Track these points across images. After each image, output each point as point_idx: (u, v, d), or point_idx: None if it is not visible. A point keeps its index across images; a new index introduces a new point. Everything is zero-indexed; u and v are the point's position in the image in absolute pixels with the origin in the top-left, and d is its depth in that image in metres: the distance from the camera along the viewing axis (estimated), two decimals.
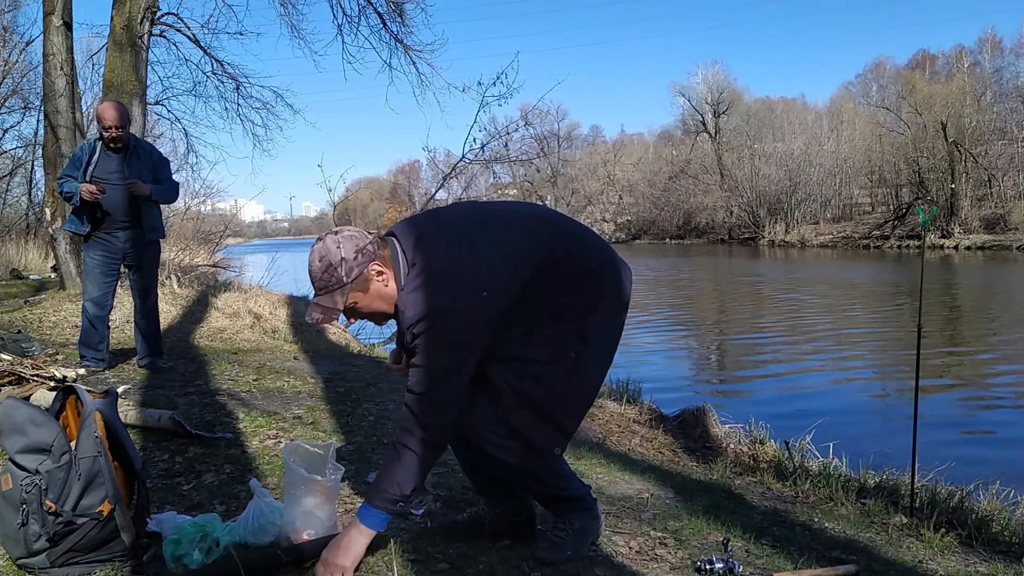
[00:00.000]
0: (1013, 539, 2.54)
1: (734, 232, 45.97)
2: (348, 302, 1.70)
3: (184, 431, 2.82)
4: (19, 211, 18.41)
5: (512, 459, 1.78)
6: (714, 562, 1.88)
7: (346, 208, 15.50)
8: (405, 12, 9.90)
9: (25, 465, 1.73)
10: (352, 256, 1.67)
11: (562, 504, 1.94)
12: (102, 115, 3.94)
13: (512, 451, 1.77)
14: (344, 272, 1.66)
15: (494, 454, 1.78)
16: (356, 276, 1.67)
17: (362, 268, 1.67)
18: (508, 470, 1.85)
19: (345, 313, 1.74)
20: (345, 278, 1.67)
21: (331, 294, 1.68)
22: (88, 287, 4.07)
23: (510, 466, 1.81)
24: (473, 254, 1.68)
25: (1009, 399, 6.59)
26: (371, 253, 1.69)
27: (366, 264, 1.68)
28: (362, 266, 1.67)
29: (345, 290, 1.68)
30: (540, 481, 1.90)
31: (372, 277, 1.69)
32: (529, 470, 1.85)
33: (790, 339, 10.14)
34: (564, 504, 1.94)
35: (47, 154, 7.87)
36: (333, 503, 1.97)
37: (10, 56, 16.73)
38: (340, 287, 1.67)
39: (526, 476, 1.88)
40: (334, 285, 1.67)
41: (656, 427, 4.57)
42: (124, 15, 7.21)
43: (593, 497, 2.00)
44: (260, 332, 6.66)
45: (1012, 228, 30.12)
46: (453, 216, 1.84)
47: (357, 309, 1.73)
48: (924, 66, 45.08)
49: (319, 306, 1.70)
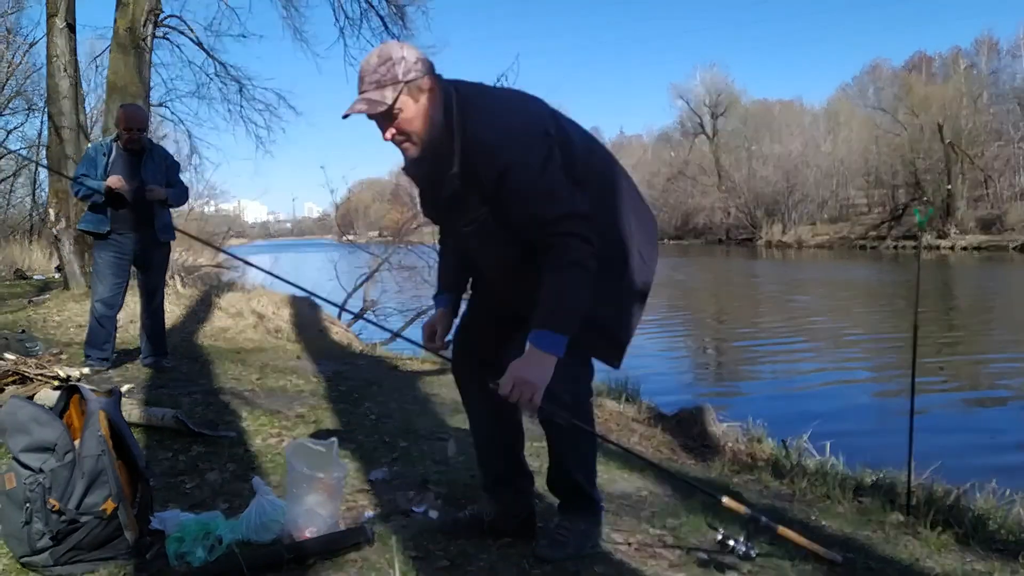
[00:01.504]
0: (1010, 537, 2.56)
1: (732, 233, 46.02)
2: (395, 105, 1.62)
3: (187, 430, 2.83)
4: (23, 212, 18.41)
5: (569, 396, 1.76)
6: (739, 543, 1.89)
7: (348, 209, 15.51)
8: (406, 15, 9.97)
9: (29, 464, 1.74)
10: (413, 60, 1.64)
11: (576, 499, 1.95)
12: (125, 117, 4.01)
13: (570, 379, 1.73)
14: (403, 70, 1.61)
15: (553, 392, 1.68)
16: (413, 78, 1.62)
17: (420, 74, 1.63)
18: (558, 437, 1.84)
19: (384, 117, 1.64)
20: (401, 76, 1.61)
21: (382, 89, 1.61)
22: (98, 287, 4.08)
23: (561, 431, 1.80)
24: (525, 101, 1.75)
25: (1005, 398, 6.62)
26: (431, 69, 1.67)
27: (424, 74, 1.64)
28: (420, 73, 1.63)
29: (399, 87, 1.61)
30: (579, 459, 1.90)
31: (425, 90, 1.64)
32: (575, 442, 1.86)
33: (787, 338, 10.17)
34: (578, 500, 1.95)
35: (51, 155, 7.88)
36: (336, 501, 1.99)
37: (14, 58, 16.75)
38: (394, 83, 1.61)
39: (569, 448, 1.87)
40: (388, 80, 1.61)
41: (655, 426, 4.58)
42: (127, 17, 7.23)
43: (603, 507, 2.02)
44: (263, 332, 6.67)
45: (1008, 229, 30.20)
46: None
47: (398, 119, 1.64)
48: (921, 68, 45.11)
49: (367, 100, 1.61)
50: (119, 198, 3.92)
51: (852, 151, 42.78)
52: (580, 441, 1.90)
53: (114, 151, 3.99)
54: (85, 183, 3.90)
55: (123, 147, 4.01)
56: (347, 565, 1.82)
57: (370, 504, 2.29)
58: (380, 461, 2.74)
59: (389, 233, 12.32)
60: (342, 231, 12.13)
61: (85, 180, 3.90)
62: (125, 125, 3.99)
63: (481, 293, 2.02)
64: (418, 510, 2.21)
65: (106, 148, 4.01)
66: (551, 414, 1.75)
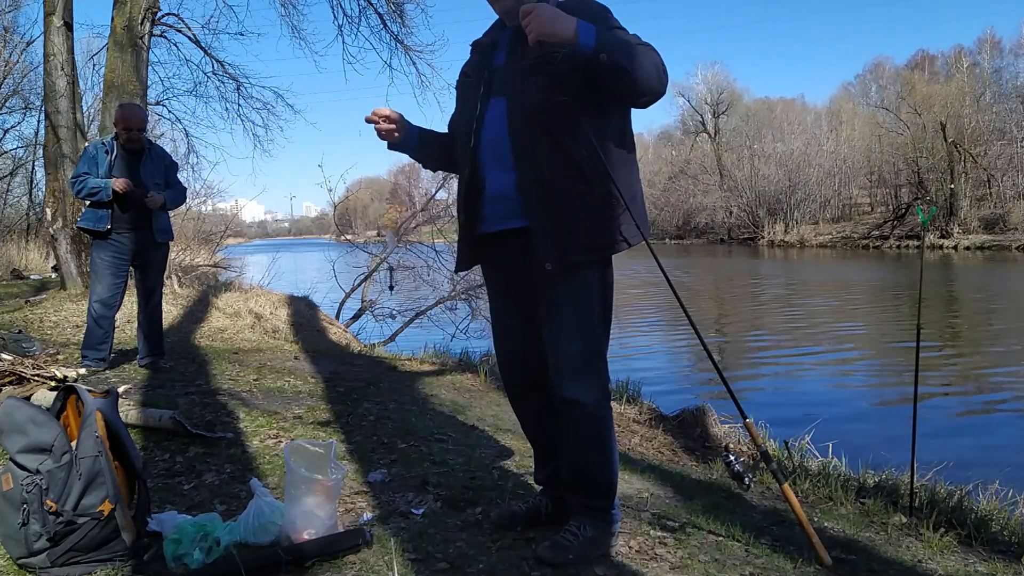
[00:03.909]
0: (1012, 539, 2.54)
1: (733, 232, 45.97)
2: None
3: (185, 431, 2.82)
4: (20, 211, 18.43)
5: (597, 375, 1.90)
6: (739, 462, 2.05)
7: (347, 208, 15.50)
8: (405, 13, 9.90)
9: (26, 465, 1.74)
10: None
11: (594, 500, 1.95)
12: (125, 117, 4.00)
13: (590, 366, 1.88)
14: None
15: (584, 380, 1.87)
16: None
17: None
18: (588, 434, 1.90)
19: None
20: None
21: None
22: (97, 287, 4.07)
23: (590, 427, 1.90)
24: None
25: (1009, 399, 6.60)
26: None
27: None
28: None
29: None
30: (606, 459, 1.94)
31: None
32: (602, 441, 1.93)
33: (789, 339, 10.15)
34: (594, 502, 1.95)
35: (48, 154, 7.88)
36: (334, 503, 1.97)
37: (11, 56, 16.77)
38: None
39: (596, 447, 1.92)
40: None
41: (656, 427, 4.57)
42: (125, 15, 7.21)
43: (619, 517, 2.03)
44: (261, 332, 6.67)
45: (1011, 228, 30.16)
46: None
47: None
48: (923, 66, 45.06)
49: None
50: (121, 199, 3.92)
51: (854, 150, 42.75)
52: (607, 438, 1.94)
53: (115, 150, 4.00)
54: (85, 183, 3.89)
55: (123, 147, 4.01)
56: (345, 567, 1.81)
57: (368, 506, 2.28)
58: (378, 462, 2.73)
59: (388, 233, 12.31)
60: (340, 230, 12.12)
61: (85, 181, 3.90)
62: (124, 125, 3.98)
63: (494, 268, 2.05)
64: (417, 512, 2.20)
65: (108, 146, 4.01)
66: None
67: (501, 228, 1.92)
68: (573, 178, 1.83)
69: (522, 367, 2.04)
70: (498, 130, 1.88)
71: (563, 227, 1.83)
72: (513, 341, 2.04)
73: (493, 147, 1.89)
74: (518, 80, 1.85)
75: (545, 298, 1.89)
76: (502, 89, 1.89)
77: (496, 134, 1.88)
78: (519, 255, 1.91)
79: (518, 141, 1.85)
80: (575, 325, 1.87)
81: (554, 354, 1.90)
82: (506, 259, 1.97)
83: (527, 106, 1.83)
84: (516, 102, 1.85)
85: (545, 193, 1.83)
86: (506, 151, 1.87)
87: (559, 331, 1.88)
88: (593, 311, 1.89)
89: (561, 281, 1.86)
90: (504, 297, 2.05)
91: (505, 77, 1.89)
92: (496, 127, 1.88)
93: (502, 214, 1.90)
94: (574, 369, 1.88)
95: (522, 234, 1.88)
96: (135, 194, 3.93)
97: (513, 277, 1.98)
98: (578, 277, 1.87)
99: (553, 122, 1.82)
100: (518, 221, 1.88)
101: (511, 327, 2.04)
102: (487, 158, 1.91)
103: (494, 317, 2.12)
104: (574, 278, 1.87)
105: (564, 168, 1.83)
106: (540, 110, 1.82)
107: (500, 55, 1.94)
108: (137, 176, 3.98)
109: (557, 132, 1.82)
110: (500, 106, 1.88)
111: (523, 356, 2.03)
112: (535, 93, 1.82)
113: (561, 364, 1.89)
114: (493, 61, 1.95)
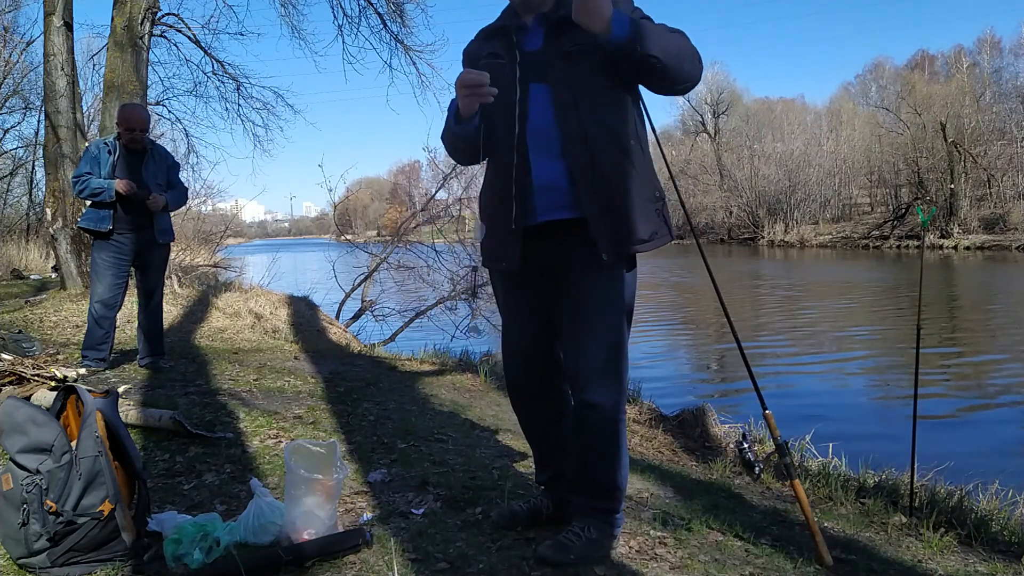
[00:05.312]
0: (1012, 538, 2.54)
1: (733, 232, 45.95)
2: None
3: (185, 431, 2.82)
4: (20, 211, 18.44)
5: (618, 367, 1.86)
6: (751, 451, 2.07)
7: (347, 208, 15.50)
8: (405, 12, 9.90)
9: (26, 465, 1.74)
10: None
11: (600, 502, 1.93)
12: (128, 117, 4.00)
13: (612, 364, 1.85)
14: None
15: (605, 377, 1.84)
16: None
17: None
18: (603, 432, 1.87)
19: None
20: None
21: None
22: (97, 287, 4.07)
23: (605, 426, 1.86)
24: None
25: (1009, 399, 6.60)
26: None
27: None
28: None
29: None
30: (618, 460, 1.91)
31: None
32: (616, 441, 1.89)
33: (789, 339, 10.15)
34: (600, 504, 1.93)
35: (48, 154, 7.88)
36: (334, 503, 1.97)
37: (11, 56, 16.78)
38: None
39: (611, 447, 1.89)
40: None
41: (656, 427, 4.57)
42: (125, 15, 7.21)
43: (622, 520, 2.02)
44: (261, 332, 6.66)
45: (1011, 228, 30.16)
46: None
47: None
48: (923, 66, 45.04)
49: None
50: (124, 200, 3.92)
51: (854, 150, 42.71)
52: (621, 442, 1.91)
53: (117, 150, 4.00)
54: (88, 183, 3.89)
55: (124, 147, 4.01)
56: (345, 567, 1.81)
57: (368, 506, 2.27)
58: (379, 462, 2.73)
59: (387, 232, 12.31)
60: (340, 230, 12.12)
61: (87, 180, 3.89)
62: (127, 125, 3.98)
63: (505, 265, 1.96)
64: (417, 512, 2.20)
65: (111, 146, 4.00)
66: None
67: (547, 219, 1.85)
68: (624, 165, 1.80)
69: (530, 370, 2.00)
70: (546, 118, 1.82)
71: (619, 217, 1.79)
72: (524, 342, 1.99)
73: (540, 135, 1.83)
74: (560, 65, 1.81)
75: (575, 295, 1.84)
76: (541, 75, 1.83)
77: (544, 122, 1.83)
78: (558, 247, 1.86)
79: (568, 129, 1.80)
80: (605, 325, 1.83)
81: (577, 356, 1.85)
82: (543, 251, 1.88)
83: (576, 93, 1.79)
84: (563, 88, 1.81)
85: (599, 181, 1.79)
86: (554, 139, 1.82)
87: (587, 331, 1.83)
88: (622, 311, 1.86)
89: (600, 276, 1.82)
90: (519, 296, 1.99)
91: (543, 62, 1.84)
92: (543, 115, 1.83)
93: (550, 204, 1.84)
94: (598, 371, 1.83)
95: (567, 226, 1.83)
96: (137, 195, 3.93)
97: (539, 272, 1.91)
98: (616, 272, 1.84)
99: (603, 109, 1.80)
100: (567, 212, 1.83)
101: (523, 328, 1.99)
102: (533, 146, 1.84)
103: (505, 317, 2.06)
104: (614, 273, 1.83)
105: (615, 156, 1.80)
106: (589, 97, 1.79)
107: (534, 39, 1.88)
108: (139, 176, 3.98)
109: (607, 119, 1.80)
110: (544, 93, 1.83)
111: (532, 358, 1.99)
112: (580, 79, 1.79)
113: (585, 366, 1.84)
114: (524, 45, 1.88)
